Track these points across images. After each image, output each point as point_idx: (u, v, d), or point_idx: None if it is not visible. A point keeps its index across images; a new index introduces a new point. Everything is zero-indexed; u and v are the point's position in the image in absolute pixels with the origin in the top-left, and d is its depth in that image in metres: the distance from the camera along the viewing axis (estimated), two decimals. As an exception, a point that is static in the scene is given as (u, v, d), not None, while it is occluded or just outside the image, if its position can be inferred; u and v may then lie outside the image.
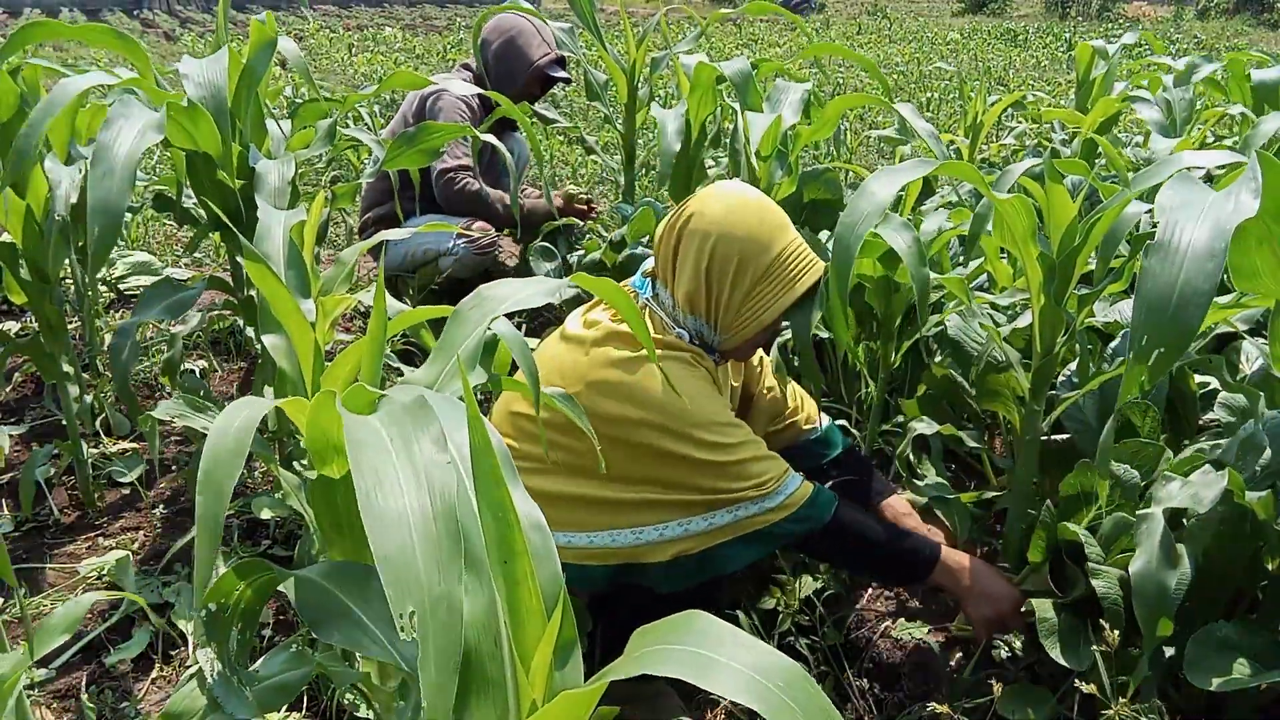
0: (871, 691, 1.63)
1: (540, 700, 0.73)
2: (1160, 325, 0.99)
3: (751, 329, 1.48)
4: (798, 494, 1.47)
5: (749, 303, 1.46)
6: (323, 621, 0.87)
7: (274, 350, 1.22)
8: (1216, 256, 0.99)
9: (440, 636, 0.64)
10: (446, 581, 0.66)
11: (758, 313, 1.46)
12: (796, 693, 0.63)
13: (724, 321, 1.48)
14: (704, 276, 1.44)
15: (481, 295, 1.15)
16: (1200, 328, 1.00)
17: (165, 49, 9.54)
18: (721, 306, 1.46)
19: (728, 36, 13.03)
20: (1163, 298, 1.00)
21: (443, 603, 0.65)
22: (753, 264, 1.43)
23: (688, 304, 1.48)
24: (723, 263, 1.43)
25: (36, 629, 1.11)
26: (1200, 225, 1.02)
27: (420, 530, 0.67)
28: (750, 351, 1.59)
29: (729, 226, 1.43)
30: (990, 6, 21.07)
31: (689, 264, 1.45)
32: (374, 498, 0.69)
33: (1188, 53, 6.11)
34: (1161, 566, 1.24)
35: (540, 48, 3.02)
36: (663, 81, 6.82)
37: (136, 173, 1.57)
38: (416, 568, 0.65)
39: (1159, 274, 1.01)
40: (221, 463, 0.81)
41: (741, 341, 1.51)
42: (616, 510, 1.46)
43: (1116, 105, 3.05)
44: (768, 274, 1.44)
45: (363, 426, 0.76)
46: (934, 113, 6.93)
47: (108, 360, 2.55)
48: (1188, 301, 0.99)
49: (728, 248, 1.42)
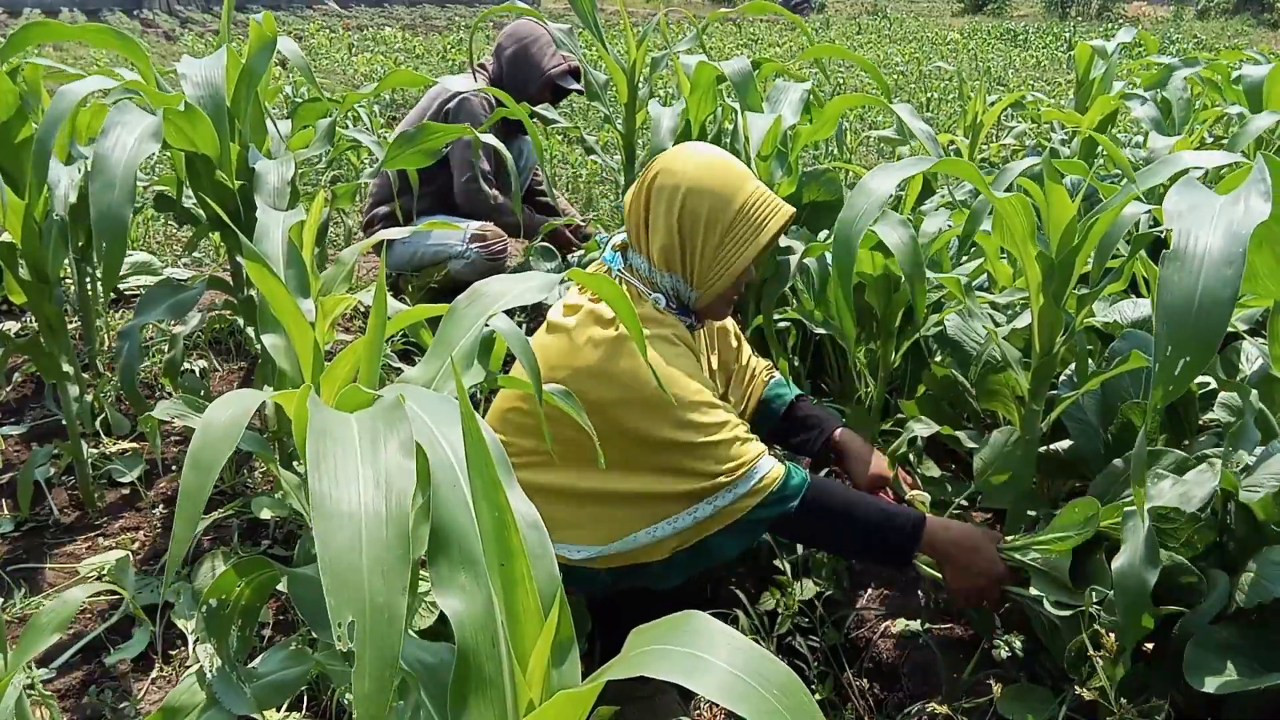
0: (871, 691, 1.63)
1: (538, 700, 0.73)
2: (1183, 334, 0.99)
3: (725, 280, 1.52)
4: (769, 477, 1.48)
5: (721, 252, 1.50)
6: (322, 619, 0.87)
7: (273, 350, 1.22)
8: (1235, 262, 0.98)
9: (377, 648, 0.61)
10: (390, 591, 0.63)
11: (730, 261, 1.51)
12: (788, 700, 0.62)
13: (699, 274, 1.52)
14: (676, 229, 1.49)
15: (477, 292, 1.15)
16: (1223, 334, 1.00)
17: (165, 49, 9.54)
18: (695, 257, 1.51)
19: (728, 36, 13.02)
20: (1184, 307, 0.99)
21: (384, 613, 0.62)
22: (722, 213, 1.49)
23: (663, 260, 1.52)
24: (693, 214, 1.48)
25: (27, 628, 1.11)
26: (1214, 232, 1.01)
27: (370, 535, 0.65)
28: (723, 309, 1.62)
29: (696, 179, 1.48)
30: (990, 6, 21.06)
31: (661, 219, 1.50)
32: (327, 497, 0.66)
33: (1187, 53, 6.11)
34: (1143, 563, 1.24)
35: (554, 57, 3.03)
36: (663, 81, 6.82)
37: (136, 181, 1.57)
38: (360, 574, 0.63)
39: (1178, 283, 1.00)
40: (210, 445, 0.81)
41: (715, 296, 1.55)
42: (606, 505, 1.48)
43: (1114, 104, 3.05)
44: (736, 222, 1.50)
45: (329, 424, 0.74)
46: (934, 113, 6.93)
47: (108, 360, 2.56)
48: (1209, 309, 0.98)
49: (697, 200, 1.48)
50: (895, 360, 1.99)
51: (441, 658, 0.88)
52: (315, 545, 0.63)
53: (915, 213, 2.41)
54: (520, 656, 0.73)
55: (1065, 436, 1.79)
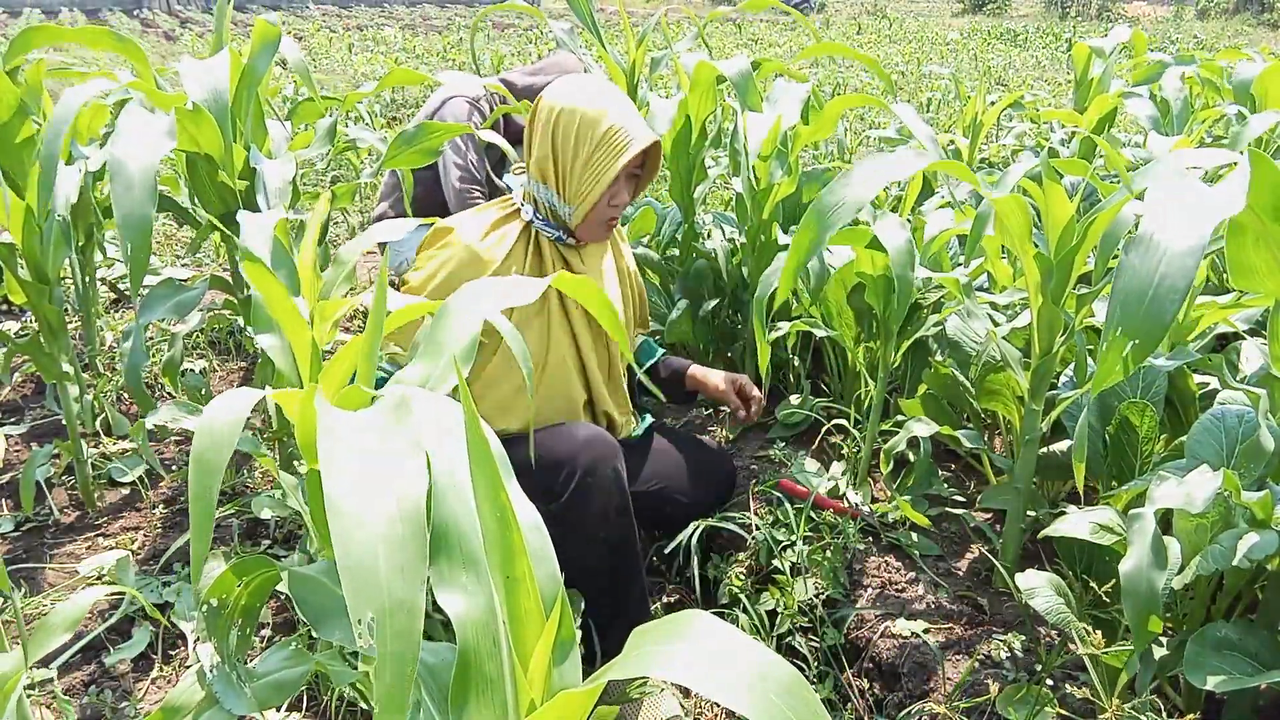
0: (871, 691, 1.63)
1: (539, 700, 0.73)
2: (1134, 319, 1.00)
3: (592, 196, 1.67)
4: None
5: (588, 170, 1.66)
6: (322, 619, 0.87)
7: (270, 350, 1.21)
8: (1194, 253, 0.99)
9: (397, 644, 0.62)
10: (408, 588, 0.64)
11: (597, 178, 1.66)
12: (792, 699, 0.62)
13: (570, 189, 1.68)
14: (550, 144, 1.67)
15: (470, 291, 1.15)
16: (1173, 322, 1.01)
17: (165, 49, 9.54)
18: (566, 172, 1.68)
19: (728, 36, 13.03)
20: (1139, 291, 1.01)
21: (402, 609, 0.63)
22: (589, 133, 1.65)
23: (539, 173, 1.70)
24: (565, 131, 1.65)
25: (34, 628, 1.11)
26: (1180, 221, 1.02)
27: (385, 534, 0.66)
28: (600, 230, 1.76)
29: (570, 100, 1.66)
30: (990, 6, 21.07)
31: (538, 135, 1.69)
32: (341, 497, 0.67)
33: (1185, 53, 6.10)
34: (1151, 566, 1.24)
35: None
36: (663, 81, 6.82)
37: (157, 182, 1.57)
38: (378, 573, 0.63)
39: (1137, 268, 1.01)
40: (212, 446, 0.81)
41: (586, 213, 1.70)
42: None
43: (1112, 102, 3.05)
44: (603, 140, 1.65)
45: (339, 423, 0.75)
46: (934, 113, 6.93)
47: (108, 360, 2.56)
48: (1163, 297, 0.99)
49: (569, 118, 1.65)
50: (895, 360, 1.99)
51: (443, 658, 0.88)
52: (332, 546, 0.63)
53: (915, 213, 2.41)
54: (522, 656, 0.73)
55: (1065, 436, 1.79)
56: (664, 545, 1.91)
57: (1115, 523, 1.44)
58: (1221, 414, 1.46)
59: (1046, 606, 1.44)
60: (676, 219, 2.74)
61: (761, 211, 2.28)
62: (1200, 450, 1.43)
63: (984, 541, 1.88)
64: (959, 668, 1.58)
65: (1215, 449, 1.42)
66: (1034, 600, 1.46)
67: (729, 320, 2.56)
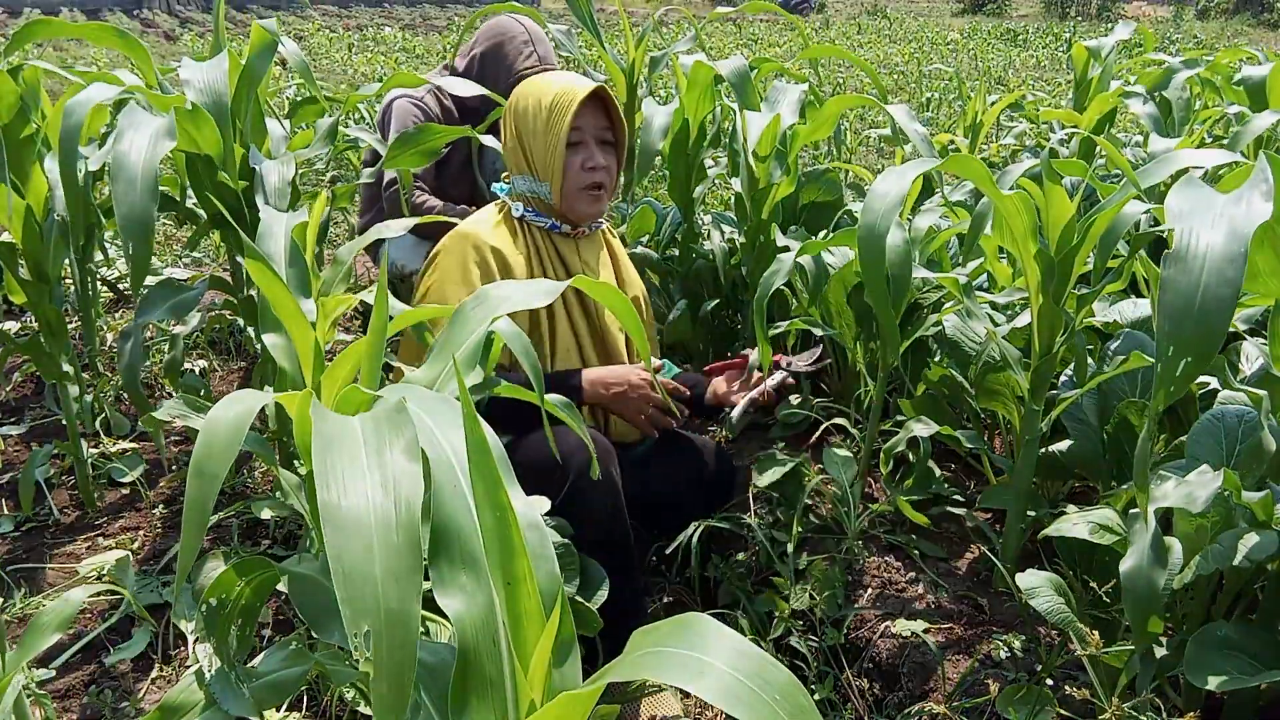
0: (871, 691, 1.63)
1: (539, 700, 0.73)
2: (1185, 334, 0.99)
3: (558, 161, 1.77)
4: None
5: (548, 137, 1.77)
6: (321, 619, 0.87)
7: (274, 349, 1.22)
8: (1236, 261, 0.98)
9: (394, 652, 0.61)
10: (403, 596, 0.63)
11: (556, 139, 1.76)
12: (788, 703, 0.62)
13: (538, 163, 1.80)
14: (515, 131, 1.82)
15: (483, 295, 1.16)
16: (1225, 334, 1.00)
17: (165, 49, 9.54)
18: (530, 149, 1.80)
19: (727, 36, 13.02)
20: (1185, 306, 0.99)
21: (399, 619, 0.62)
22: (539, 103, 1.79)
23: (515, 164, 1.84)
24: (521, 113, 1.81)
25: (27, 628, 1.11)
26: (1215, 231, 1.01)
27: (381, 541, 0.65)
28: (587, 205, 1.82)
29: (526, 89, 1.83)
30: (990, 6, 21.07)
31: (507, 131, 1.84)
32: (336, 502, 0.66)
33: (1186, 52, 6.11)
34: (1151, 566, 1.24)
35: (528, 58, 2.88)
36: (663, 81, 6.82)
37: (158, 181, 1.57)
38: (374, 582, 0.63)
39: (1179, 282, 1.00)
40: (215, 452, 0.81)
41: (562, 183, 1.79)
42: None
43: (1112, 101, 3.05)
44: (550, 106, 1.77)
45: (335, 426, 0.74)
46: (934, 113, 6.93)
47: (108, 360, 2.55)
48: (1210, 309, 0.98)
49: (524, 102, 1.81)
50: (895, 360, 1.99)
51: (442, 658, 0.88)
52: (326, 553, 0.63)
53: (915, 213, 2.41)
54: (522, 657, 0.73)
55: (1065, 436, 1.79)
56: (664, 546, 1.91)
57: (1115, 523, 1.44)
58: (1221, 414, 1.46)
59: (1046, 606, 1.44)
60: (676, 219, 2.73)
61: (760, 211, 2.28)
62: (1200, 450, 1.43)
63: (984, 541, 1.87)
64: (959, 668, 1.58)
65: (1215, 449, 1.42)
66: (1034, 600, 1.45)
67: (728, 320, 2.56)
